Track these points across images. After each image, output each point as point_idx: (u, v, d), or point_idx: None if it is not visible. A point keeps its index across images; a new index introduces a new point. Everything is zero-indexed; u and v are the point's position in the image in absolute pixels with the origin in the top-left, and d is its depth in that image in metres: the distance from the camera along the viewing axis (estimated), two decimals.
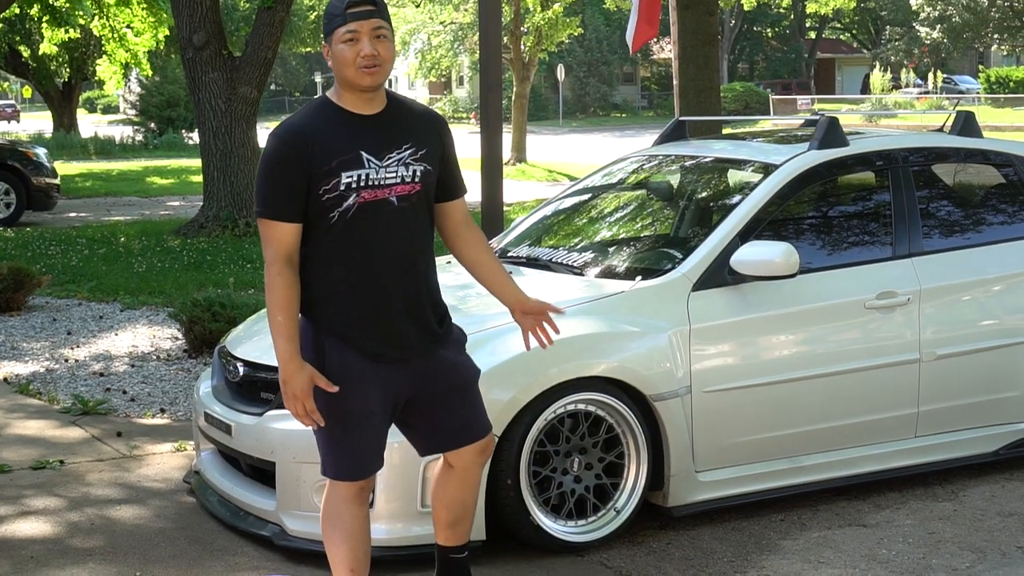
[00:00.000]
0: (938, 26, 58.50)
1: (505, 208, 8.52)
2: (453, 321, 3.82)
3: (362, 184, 3.51)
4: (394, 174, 3.55)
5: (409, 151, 3.59)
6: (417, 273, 3.65)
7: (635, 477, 4.80)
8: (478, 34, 7.99)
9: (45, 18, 23.17)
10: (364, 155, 3.53)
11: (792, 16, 67.47)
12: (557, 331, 3.93)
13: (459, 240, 3.84)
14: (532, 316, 3.87)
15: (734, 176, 5.83)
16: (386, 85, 3.68)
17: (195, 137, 27.92)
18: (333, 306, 3.59)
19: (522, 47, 30.02)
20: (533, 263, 5.62)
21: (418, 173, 3.59)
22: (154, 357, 8.20)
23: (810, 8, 25.58)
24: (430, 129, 3.68)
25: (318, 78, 66.38)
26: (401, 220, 3.58)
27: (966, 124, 6.09)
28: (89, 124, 48.36)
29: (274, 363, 4.74)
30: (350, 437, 3.62)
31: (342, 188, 3.50)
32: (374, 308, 3.58)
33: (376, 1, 3.52)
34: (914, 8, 59.33)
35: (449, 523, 3.93)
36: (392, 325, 3.60)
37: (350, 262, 3.56)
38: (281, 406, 4.67)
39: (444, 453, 3.84)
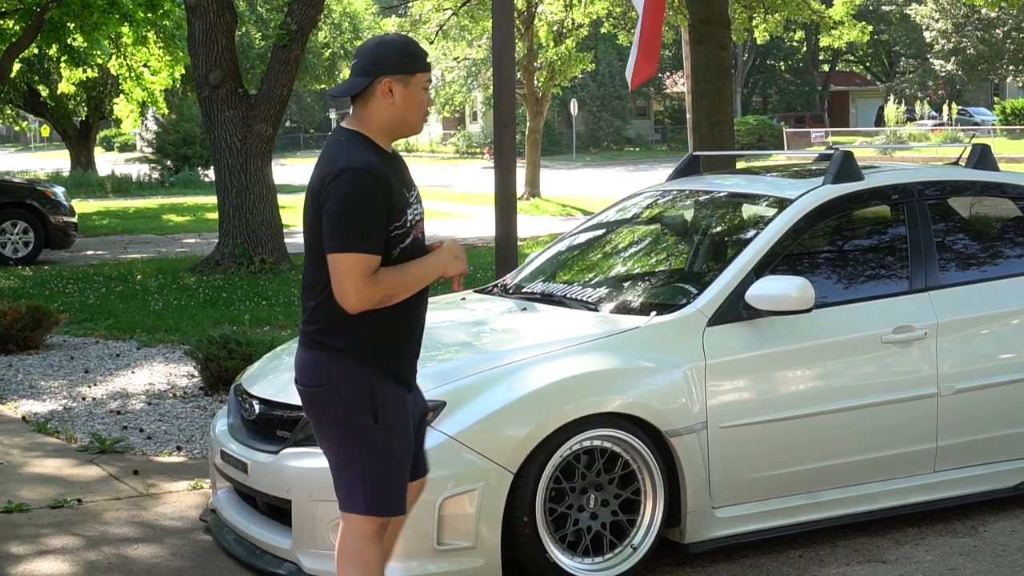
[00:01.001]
0: (953, 58, 58.54)
1: (519, 243, 8.53)
2: (462, 359, 3.91)
3: (416, 220, 3.68)
4: (419, 210, 3.72)
5: (416, 190, 3.76)
6: (427, 302, 3.82)
7: (652, 513, 4.78)
8: (491, 70, 8.02)
9: (63, 58, 23.36)
10: (406, 193, 3.66)
11: (805, 49, 67.61)
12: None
13: None
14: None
15: (748, 211, 5.83)
16: (422, 125, 3.82)
17: (211, 174, 28.04)
18: (383, 338, 3.64)
19: (535, 82, 30.14)
20: (547, 299, 5.62)
21: (423, 211, 3.77)
22: (170, 395, 8.21)
23: (823, 41, 25.61)
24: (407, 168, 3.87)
25: (332, 114, 66.72)
26: (423, 251, 3.73)
27: (982, 157, 6.08)
28: (106, 162, 48.67)
29: (290, 401, 4.79)
30: (396, 473, 3.66)
31: (408, 224, 3.62)
32: (411, 337, 3.72)
33: None
34: (928, 40, 59.40)
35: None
36: (417, 352, 3.77)
37: (412, 296, 3.68)
38: (297, 444, 4.67)
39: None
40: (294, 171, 41.07)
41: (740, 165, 14.11)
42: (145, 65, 22.87)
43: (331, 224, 3.51)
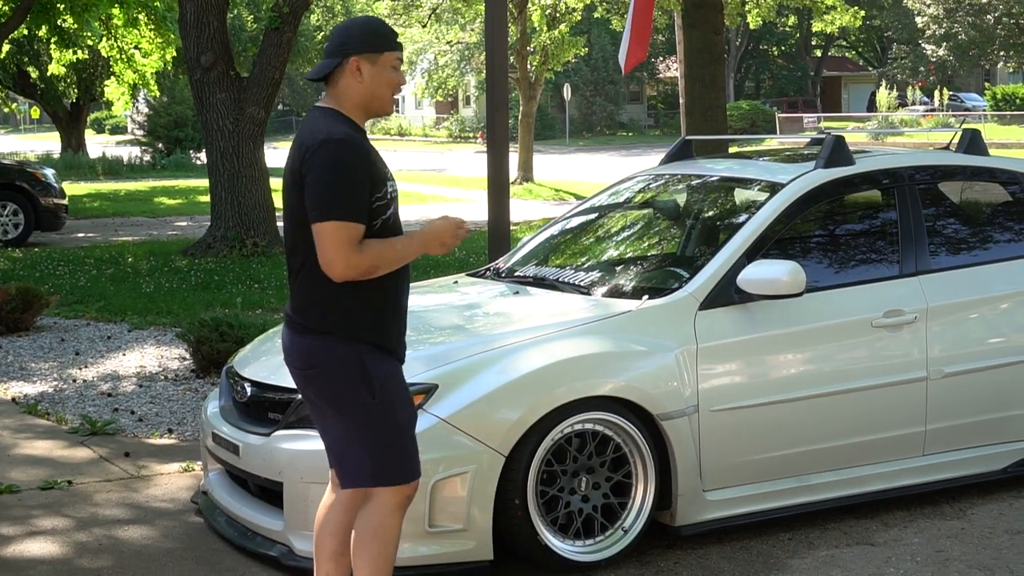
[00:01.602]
0: (944, 44, 58.54)
1: (512, 228, 8.53)
2: (454, 342, 3.92)
3: (395, 193, 3.71)
4: (395, 185, 3.76)
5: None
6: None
7: (642, 496, 4.80)
8: (484, 54, 8.01)
9: (53, 39, 23.29)
10: (383, 167, 3.71)
11: (798, 34, 67.59)
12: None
13: None
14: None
15: (740, 195, 5.84)
16: (392, 104, 3.81)
17: (203, 157, 27.98)
18: (371, 312, 3.65)
19: (528, 67, 30.11)
20: (540, 282, 5.63)
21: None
22: (162, 377, 8.21)
23: (816, 26, 25.60)
24: None
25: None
26: (399, 227, 3.76)
27: (972, 142, 6.10)
28: (97, 145, 48.57)
29: (281, 383, 4.80)
30: (405, 438, 3.70)
31: (389, 196, 3.66)
32: (400, 310, 3.74)
33: None
34: (920, 26, 59.39)
35: (339, 553, 3.86)
36: (405, 326, 3.78)
37: (397, 272, 3.70)
38: (289, 426, 4.68)
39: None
40: (286, 154, 40.87)
41: (732, 150, 14.11)
42: (136, 47, 22.78)
43: (315, 194, 3.53)
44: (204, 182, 18.29)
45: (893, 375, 5.28)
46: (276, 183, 10.53)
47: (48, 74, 28.65)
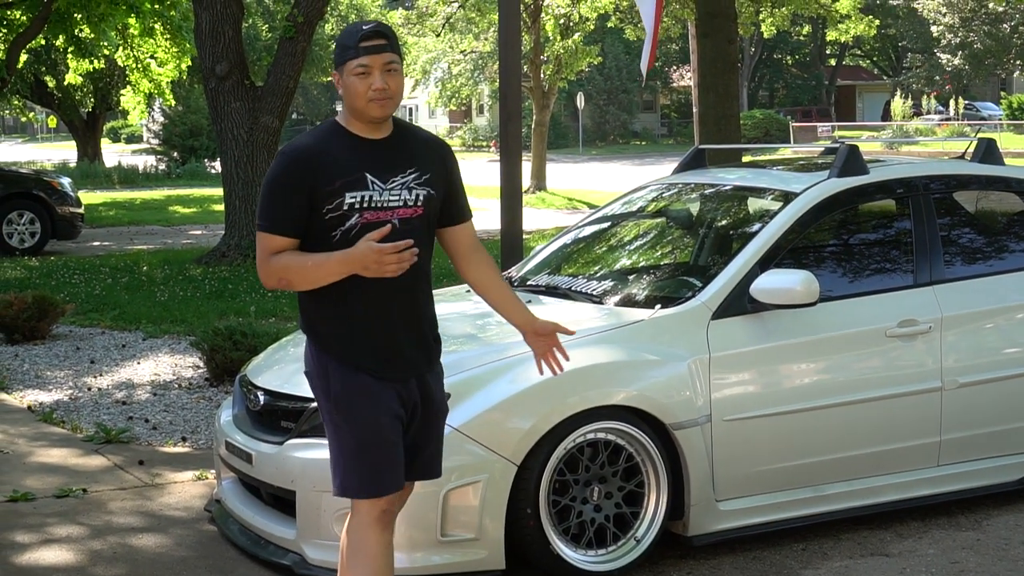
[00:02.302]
0: (959, 53, 58.43)
1: (525, 236, 8.53)
2: (466, 351, 3.84)
3: (365, 205, 3.58)
4: (397, 197, 3.61)
5: (413, 175, 3.65)
6: (416, 294, 3.70)
7: (655, 506, 4.79)
8: (498, 63, 8.02)
9: (70, 49, 23.39)
10: (369, 177, 3.59)
11: (812, 44, 67.50)
12: (568, 358, 3.93)
13: (468, 263, 3.88)
14: (543, 338, 3.90)
15: (754, 204, 5.84)
16: (405, 115, 3.74)
17: (217, 166, 28.08)
18: (335, 325, 3.64)
19: (542, 76, 30.12)
20: (552, 291, 5.63)
21: (421, 197, 3.63)
22: (176, 386, 8.23)
23: (830, 35, 25.57)
24: (434, 155, 3.74)
25: (339, 107, 66.69)
26: (400, 239, 3.59)
27: (987, 151, 6.08)
28: (113, 153, 48.69)
29: (294, 392, 4.81)
30: (364, 455, 3.62)
31: (345, 208, 3.56)
32: (373, 327, 3.63)
33: (387, 35, 3.60)
34: (935, 35, 59.29)
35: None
36: (392, 343, 3.66)
37: (356, 282, 3.58)
38: (302, 435, 4.68)
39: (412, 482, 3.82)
40: None
41: (746, 159, 14.08)
42: (152, 56, 22.87)
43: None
44: (219, 191, 18.35)
45: (907, 385, 5.26)
46: None
47: (65, 83, 28.73)
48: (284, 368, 5.18)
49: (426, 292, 3.75)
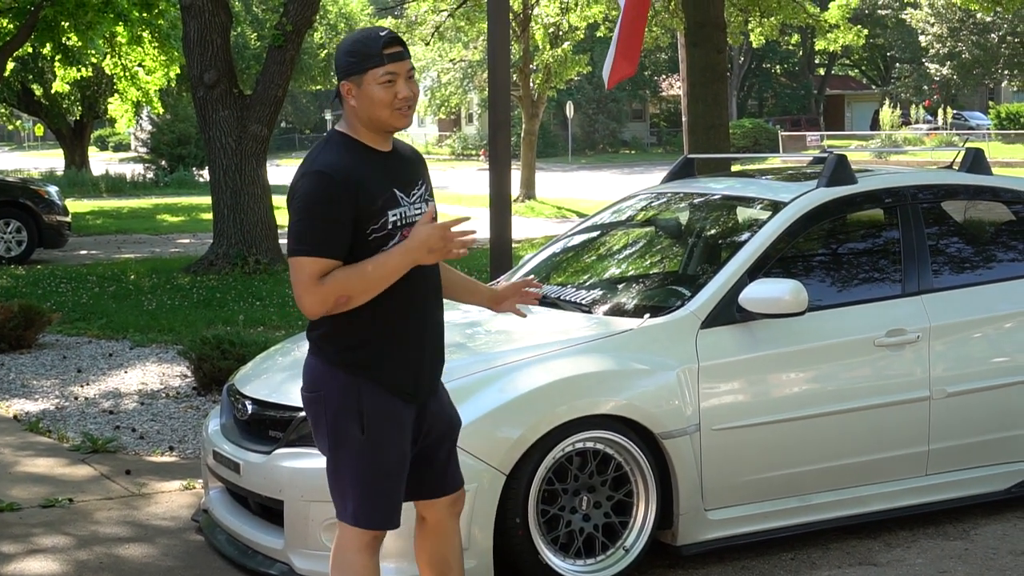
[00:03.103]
0: (948, 63, 58.64)
1: (514, 245, 8.53)
2: (455, 360, 3.81)
3: (403, 222, 3.52)
4: (419, 209, 3.57)
5: (422, 188, 3.63)
6: (439, 308, 3.70)
7: (644, 515, 4.78)
8: (487, 72, 8.02)
9: (58, 57, 23.34)
10: (398, 193, 3.54)
11: (801, 53, 67.67)
12: (538, 297, 4.05)
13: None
14: (510, 298, 4.00)
15: (743, 213, 5.84)
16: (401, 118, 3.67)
17: (206, 175, 28.06)
18: (374, 346, 3.54)
19: (531, 84, 30.16)
20: (542, 300, 5.61)
21: (432, 207, 3.62)
22: (163, 395, 8.20)
23: (819, 45, 25.59)
24: (423, 165, 3.75)
25: (328, 115, 66.72)
26: None
27: (975, 161, 6.09)
28: (100, 162, 48.62)
29: (283, 401, 4.80)
30: (388, 484, 3.56)
31: (389, 227, 3.49)
32: (411, 344, 3.59)
33: (402, 41, 3.54)
34: (923, 45, 59.49)
35: None
36: (422, 363, 3.62)
37: (394, 299, 3.51)
38: (290, 444, 4.67)
39: (417, 502, 3.78)
40: (289, 172, 40.77)
41: (735, 168, 14.10)
42: (140, 65, 22.85)
43: (290, 227, 3.49)
44: (207, 199, 18.33)
45: (895, 395, 5.27)
46: (278, 200, 10.56)
47: (52, 91, 28.70)
48: (272, 377, 5.17)
49: (442, 304, 3.75)
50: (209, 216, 16.65)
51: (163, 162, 38.74)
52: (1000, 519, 5.48)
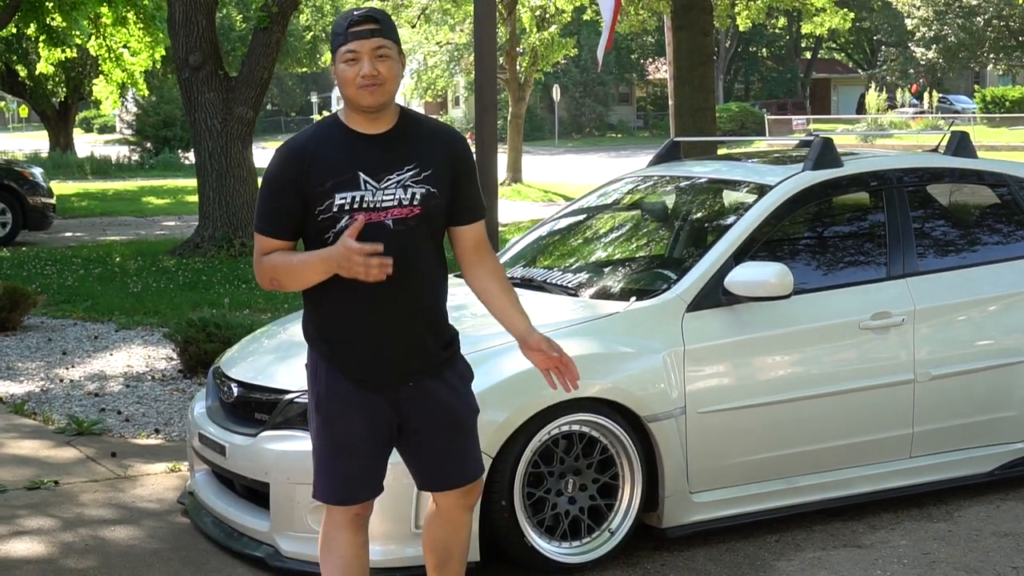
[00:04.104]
0: (934, 46, 58.71)
1: (500, 229, 8.52)
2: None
3: (356, 206, 3.43)
4: (391, 197, 3.44)
5: (411, 172, 3.47)
6: (412, 297, 3.53)
7: (629, 498, 4.80)
8: (473, 54, 8.01)
9: (42, 37, 23.23)
10: (362, 176, 3.43)
11: (788, 37, 67.70)
12: (578, 377, 3.74)
13: (470, 267, 3.76)
14: (535, 353, 3.70)
15: (729, 197, 5.84)
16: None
17: (191, 157, 27.94)
18: (324, 329, 3.58)
19: (518, 67, 30.09)
20: (528, 284, 5.62)
21: (418, 196, 3.46)
22: (149, 377, 8.19)
23: (805, 29, 25.59)
24: (441, 150, 3.55)
25: (314, 98, 66.44)
26: (398, 244, 3.43)
27: (960, 144, 6.11)
28: (85, 144, 48.41)
29: (268, 384, 4.80)
30: (338, 462, 3.58)
31: (335, 209, 3.43)
32: (360, 331, 3.52)
33: (379, 19, 3.44)
34: (910, 28, 59.55)
35: (435, 566, 3.85)
36: (379, 350, 3.53)
37: (343, 284, 3.44)
38: (276, 427, 4.67)
39: (431, 492, 3.76)
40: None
41: (721, 151, 14.11)
42: (125, 46, 22.73)
43: None
44: (192, 182, 18.26)
45: (880, 377, 5.29)
46: None
47: (36, 73, 28.56)
48: (258, 360, 5.16)
49: (429, 294, 3.57)
50: (195, 198, 16.59)
51: (148, 144, 38.55)
52: (984, 501, 5.51)
